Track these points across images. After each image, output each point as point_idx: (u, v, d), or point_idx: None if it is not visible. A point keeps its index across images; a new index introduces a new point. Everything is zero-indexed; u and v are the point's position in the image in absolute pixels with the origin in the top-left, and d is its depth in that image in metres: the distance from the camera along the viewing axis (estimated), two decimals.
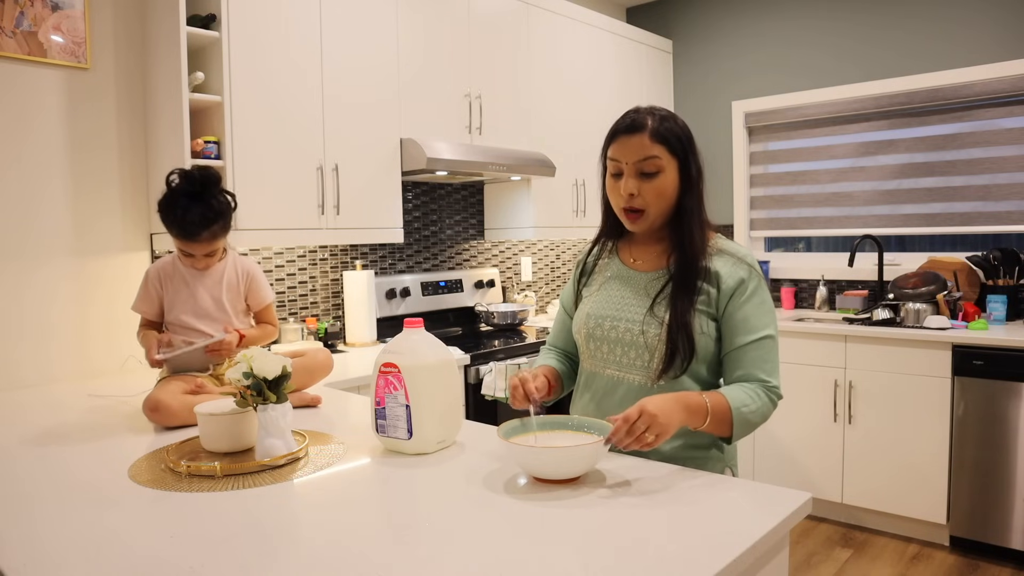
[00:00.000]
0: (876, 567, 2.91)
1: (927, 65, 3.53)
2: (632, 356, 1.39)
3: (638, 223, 1.38)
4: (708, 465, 1.39)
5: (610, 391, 1.43)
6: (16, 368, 2.22)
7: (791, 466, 3.41)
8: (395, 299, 3.15)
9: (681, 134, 1.36)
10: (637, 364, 1.38)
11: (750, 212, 4.20)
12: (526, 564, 0.93)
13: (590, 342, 1.45)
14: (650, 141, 1.33)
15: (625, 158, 1.34)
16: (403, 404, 1.37)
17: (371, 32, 2.73)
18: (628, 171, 1.34)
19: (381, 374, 1.40)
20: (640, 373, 1.38)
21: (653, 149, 1.33)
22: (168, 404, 1.64)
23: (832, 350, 3.25)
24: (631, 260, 1.46)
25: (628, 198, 1.35)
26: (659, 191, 1.34)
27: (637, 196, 1.34)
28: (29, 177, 2.24)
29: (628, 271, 1.45)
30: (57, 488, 1.27)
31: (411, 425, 1.38)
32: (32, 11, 2.20)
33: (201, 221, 1.74)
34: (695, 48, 4.35)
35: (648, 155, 1.33)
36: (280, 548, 0.99)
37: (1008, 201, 3.38)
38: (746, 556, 0.97)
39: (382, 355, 1.41)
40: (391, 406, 1.39)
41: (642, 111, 1.36)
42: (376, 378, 1.41)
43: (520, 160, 3.15)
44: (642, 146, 1.33)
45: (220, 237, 1.80)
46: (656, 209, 1.36)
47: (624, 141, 1.34)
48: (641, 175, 1.34)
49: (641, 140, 1.33)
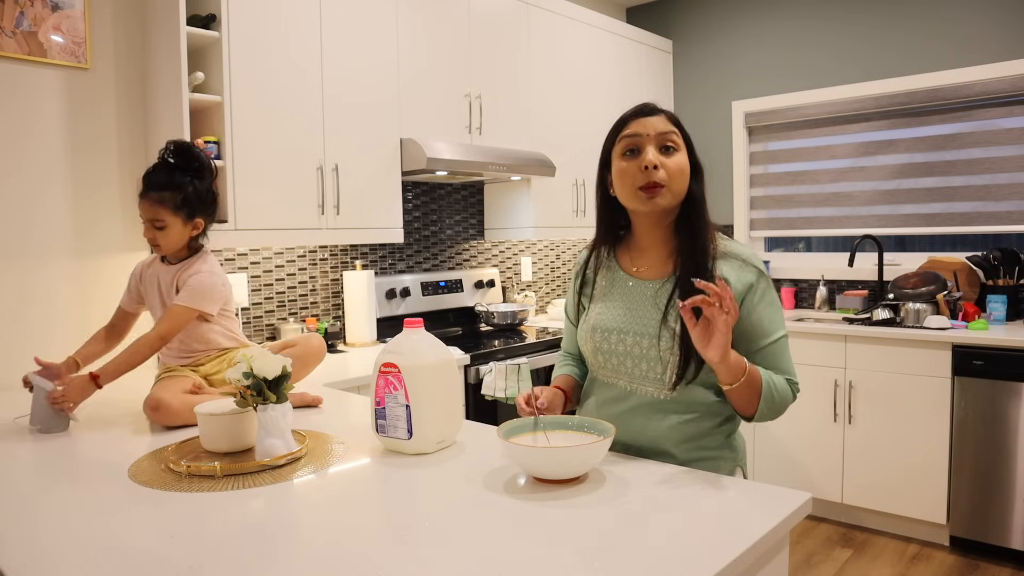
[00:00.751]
0: (876, 567, 2.91)
1: (927, 65, 3.53)
2: (644, 368, 1.36)
3: (660, 198, 1.32)
4: (720, 465, 1.37)
5: (621, 400, 1.40)
6: (16, 368, 2.22)
7: (791, 466, 3.41)
8: (395, 299, 3.15)
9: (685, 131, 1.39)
10: (649, 376, 1.36)
11: (750, 212, 4.20)
12: (526, 564, 0.93)
13: (598, 355, 1.42)
14: (668, 122, 1.35)
15: (647, 131, 1.33)
16: (403, 404, 1.37)
17: (371, 32, 2.73)
18: (650, 143, 1.32)
19: (381, 374, 1.40)
20: (653, 385, 1.36)
21: (672, 128, 1.34)
22: (169, 403, 1.63)
23: (832, 350, 3.24)
24: (633, 268, 1.43)
25: (651, 172, 1.31)
26: (680, 167, 1.33)
27: (659, 169, 1.31)
28: (29, 177, 2.25)
29: (631, 280, 1.41)
30: (57, 488, 1.27)
31: (411, 425, 1.38)
32: (32, 11, 2.20)
33: (155, 181, 1.77)
34: (695, 48, 4.35)
35: (669, 130, 1.33)
36: (280, 548, 0.99)
37: (1008, 201, 3.38)
38: (746, 556, 0.97)
39: (382, 355, 1.41)
40: (391, 406, 1.39)
41: (649, 103, 1.38)
42: (376, 378, 1.41)
43: (520, 160, 3.15)
44: (662, 123, 1.34)
45: (167, 208, 1.76)
46: (677, 186, 1.33)
47: (642, 120, 1.34)
48: (663, 148, 1.33)
49: (660, 119, 1.34)
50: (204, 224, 1.85)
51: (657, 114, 1.35)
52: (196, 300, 1.78)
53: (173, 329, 1.76)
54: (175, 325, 1.77)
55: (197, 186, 1.80)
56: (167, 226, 1.78)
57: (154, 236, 1.79)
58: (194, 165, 1.81)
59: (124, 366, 1.71)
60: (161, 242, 1.80)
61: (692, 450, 1.37)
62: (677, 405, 1.35)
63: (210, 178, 1.84)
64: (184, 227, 1.80)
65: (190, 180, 1.79)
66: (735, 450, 1.41)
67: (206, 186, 1.83)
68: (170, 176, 1.77)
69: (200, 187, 1.80)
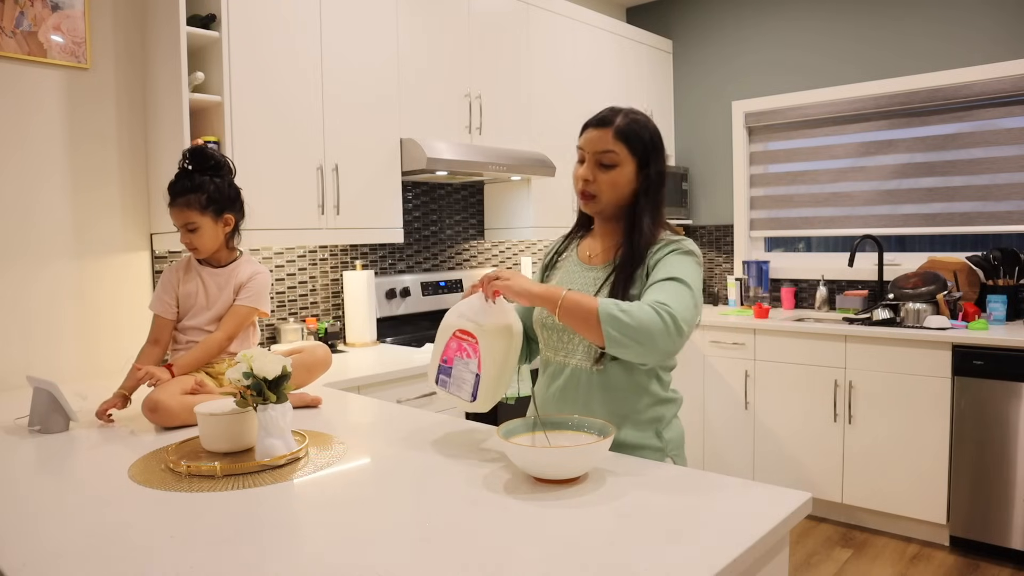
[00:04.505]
0: (876, 567, 2.91)
1: (927, 65, 3.53)
2: (576, 342, 1.48)
3: (589, 205, 1.49)
4: (645, 455, 1.43)
5: (557, 375, 1.51)
6: (17, 368, 2.22)
7: (791, 466, 3.41)
8: (395, 299, 3.15)
9: (646, 137, 1.45)
10: (580, 350, 1.47)
11: (750, 212, 4.20)
12: (526, 564, 0.93)
13: (543, 331, 1.54)
14: (612, 137, 1.44)
15: (587, 147, 1.47)
16: (474, 372, 1.40)
17: (371, 32, 2.73)
18: (588, 159, 1.47)
19: (456, 338, 1.43)
20: (582, 357, 1.46)
21: (613, 145, 1.44)
22: (167, 404, 1.63)
23: (832, 350, 3.24)
24: (587, 255, 1.56)
25: (584, 183, 1.47)
26: (612, 182, 1.45)
27: (592, 183, 1.46)
28: (29, 178, 2.25)
29: (581, 266, 1.55)
30: (57, 488, 1.27)
31: (476, 391, 1.40)
32: (32, 11, 2.20)
33: (178, 188, 1.84)
34: (695, 48, 4.35)
35: (607, 148, 1.44)
36: (280, 548, 0.99)
37: (1008, 201, 3.38)
38: (746, 556, 0.97)
39: (460, 319, 1.42)
40: (459, 369, 1.42)
41: (615, 110, 1.47)
42: (448, 337, 1.44)
43: (520, 160, 3.15)
44: (603, 140, 1.44)
45: (194, 209, 1.83)
46: (607, 197, 1.46)
47: (590, 134, 1.47)
48: (599, 165, 1.46)
49: (604, 135, 1.44)
50: (235, 220, 1.92)
51: (607, 127, 1.44)
52: (258, 300, 1.91)
53: (239, 328, 1.89)
54: (241, 324, 1.89)
55: (217, 183, 1.86)
56: (199, 227, 1.85)
57: (190, 240, 1.86)
58: (210, 164, 1.87)
59: (196, 363, 1.82)
60: (198, 244, 1.87)
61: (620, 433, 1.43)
62: (604, 379, 1.44)
63: (228, 174, 1.91)
64: (216, 225, 1.88)
65: (209, 179, 1.85)
66: (663, 440, 1.47)
67: (227, 182, 1.89)
68: (190, 179, 1.84)
69: (220, 184, 1.87)
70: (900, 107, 3.62)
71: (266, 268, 1.98)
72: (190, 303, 1.92)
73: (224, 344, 1.87)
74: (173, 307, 1.92)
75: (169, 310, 1.92)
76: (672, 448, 1.49)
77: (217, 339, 1.85)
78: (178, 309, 1.93)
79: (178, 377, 1.78)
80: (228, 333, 1.87)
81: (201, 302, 1.91)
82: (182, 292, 1.92)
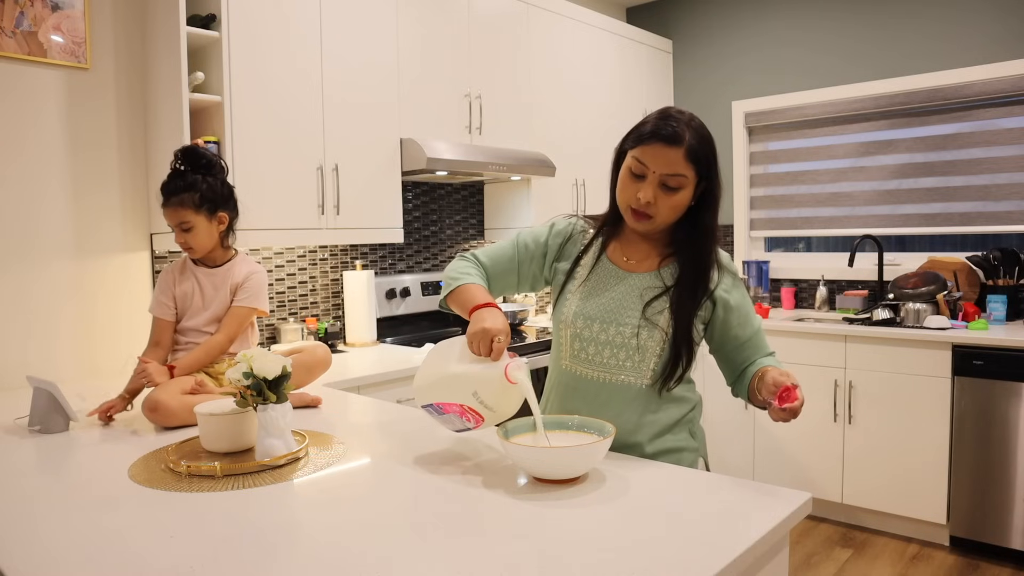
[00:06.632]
0: (876, 567, 2.91)
1: (927, 65, 3.53)
2: (622, 358, 1.39)
3: (643, 224, 1.37)
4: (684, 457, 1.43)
5: (593, 392, 1.41)
6: (16, 368, 2.22)
7: (791, 466, 3.41)
8: (395, 299, 3.15)
9: (711, 154, 1.34)
10: (627, 366, 1.38)
11: (750, 212, 4.20)
12: (526, 564, 0.93)
13: (575, 341, 1.42)
14: (684, 159, 1.30)
15: (654, 167, 1.31)
16: (469, 427, 1.34)
17: (371, 32, 2.73)
18: (652, 179, 1.32)
19: (462, 407, 1.30)
20: (630, 375, 1.39)
21: (684, 168, 1.30)
22: (167, 404, 1.63)
23: (832, 350, 3.24)
24: (623, 259, 1.44)
25: (644, 204, 1.33)
26: (675, 205, 1.34)
27: (652, 205, 1.33)
28: (29, 177, 2.25)
29: (619, 271, 1.43)
30: (57, 488, 1.27)
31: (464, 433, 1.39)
32: (32, 11, 2.20)
33: (171, 188, 1.84)
34: (695, 48, 4.35)
35: (677, 172, 1.30)
36: (280, 548, 0.99)
37: (1008, 201, 3.38)
38: (746, 556, 0.97)
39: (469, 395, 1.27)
40: (454, 422, 1.34)
41: (681, 121, 1.31)
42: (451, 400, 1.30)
43: (520, 160, 3.15)
44: (675, 161, 1.30)
45: (188, 208, 1.83)
46: (664, 218, 1.36)
47: (658, 149, 1.30)
48: (663, 186, 1.32)
49: (676, 155, 1.29)
50: (229, 219, 1.92)
51: (679, 145, 1.29)
52: (256, 300, 1.91)
53: (239, 329, 1.89)
54: (241, 325, 1.89)
55: (210, 182, 1.87)
56: (193, 226, 1.85)
57: (185, 239, 1.87)
58: (202, 163, 1.87)
59: (197, 364, 1.82)
60: (193, 244, 1.87)
61: (661, 442, 1.41)
62: (650, 396, 1.39)
63: (220, 173, 1.91)
64: (210, 224, 1.88)
65: (202, 177, 1.86)
66: (697, 440, 1.47)
67: (220, 180, 1.90)
68: (183, 179, 1.85)
69: (213, 182, 1.88)
70: (900, 107, 3.62)
71: (262, 266, 1.97)
72: (187, 304, 1.91)
73: (225, 346, 1.87)
74: (171, 308, 1.92)
75: (168, 312, 1.91)
76: (702, 448, 1.48)
77: (218, 341, 1.85)
78: (176, 310, 1.93)
79: (178, 377, 1.78)
80: (229, 335, 1.87)
81: (197, 303, 1.91)
82: (179, 293, 1.92)
